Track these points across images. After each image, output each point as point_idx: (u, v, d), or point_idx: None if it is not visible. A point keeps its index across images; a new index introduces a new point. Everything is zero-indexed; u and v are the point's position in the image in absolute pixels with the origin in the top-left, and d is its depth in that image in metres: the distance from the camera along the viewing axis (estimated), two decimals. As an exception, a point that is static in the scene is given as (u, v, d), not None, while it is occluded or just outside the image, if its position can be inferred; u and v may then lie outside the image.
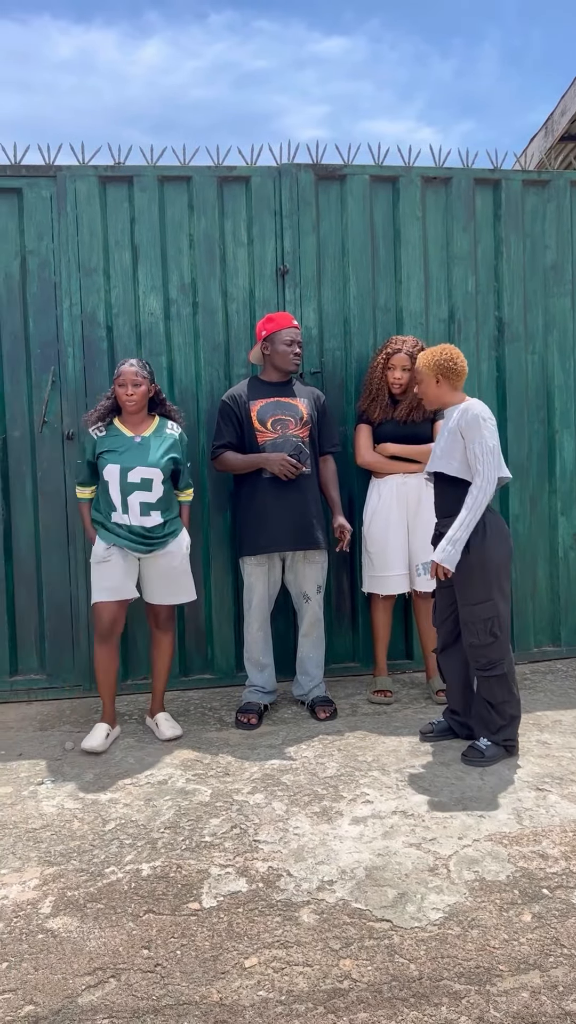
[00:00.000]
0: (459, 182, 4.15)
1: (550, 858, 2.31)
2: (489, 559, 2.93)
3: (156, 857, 2.39)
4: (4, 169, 3.84)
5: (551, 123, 7.87)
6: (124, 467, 3.25)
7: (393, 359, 3.69)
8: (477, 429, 2.91)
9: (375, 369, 3.75)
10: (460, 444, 2.96)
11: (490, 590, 2.94)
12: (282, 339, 3.54)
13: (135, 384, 3.26)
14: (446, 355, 3.01)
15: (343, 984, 1.82)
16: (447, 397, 3.07)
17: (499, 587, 2.96)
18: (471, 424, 2.92)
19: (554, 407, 4.30)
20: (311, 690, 3.64)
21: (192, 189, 3.94)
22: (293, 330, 3.55)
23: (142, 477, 3.27)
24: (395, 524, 3.71)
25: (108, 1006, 1.77)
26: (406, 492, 3.72)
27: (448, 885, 2.19)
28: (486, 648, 2.96)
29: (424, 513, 3.70)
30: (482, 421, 2.92)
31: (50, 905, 2.17)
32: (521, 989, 1.79)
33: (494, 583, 2.95)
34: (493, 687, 2.98)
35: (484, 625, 2.95)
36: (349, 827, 2.53)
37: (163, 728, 3.38)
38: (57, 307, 3.89)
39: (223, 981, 1.84)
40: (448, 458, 3.00)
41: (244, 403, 3.54)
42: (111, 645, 3.31)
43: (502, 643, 2.97)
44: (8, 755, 3.25)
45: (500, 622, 2.96)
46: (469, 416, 2.93)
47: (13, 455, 3.90)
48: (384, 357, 3.72)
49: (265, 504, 3.45)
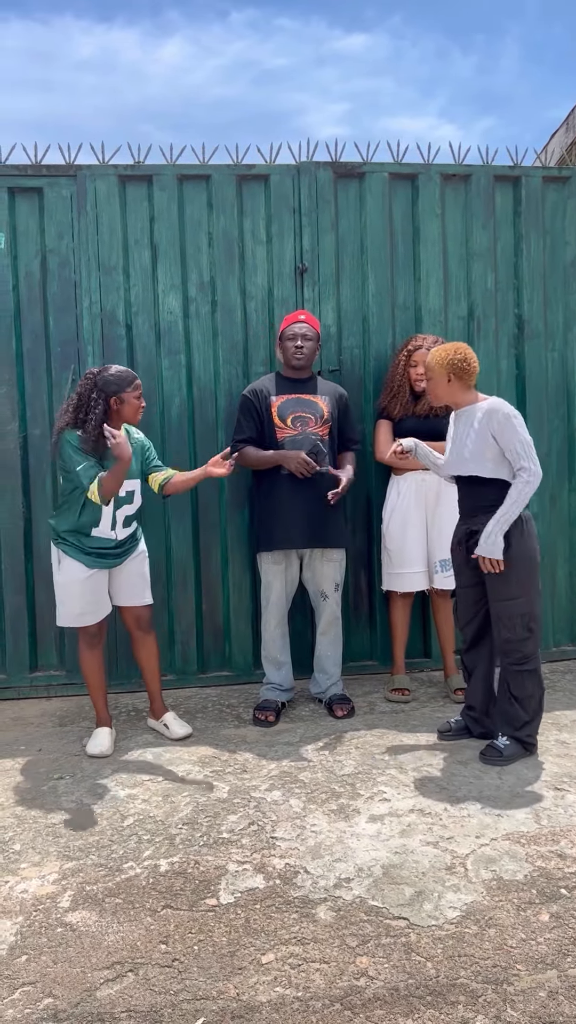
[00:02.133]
0: (479, 179, 4.13)
1: (568, 858, 2.30)
2: (527, 555, 2.95)
3: (174, 853, 2.40)
4: (25, 169, 3.87)
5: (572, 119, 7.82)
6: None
7: (415, 356, 3.68)
8: (512, 428, 2.91)
9: (397, 366, 3.74)
10: (491, 445, 2.94)
11: (527, 586, 2.95)
12: (286, 335, 3.54)
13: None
14: (459, 354, 2.98)
15: (360, 982, 1.82)
16: (458, 396, 3.04)
17: (534, 583, 2.98)
18: (503, 424, 2.91)
19: (574, 404, 4.28)
20: (329, 688, 3.64)
21: (211, 187, 3.95)
22: (298, 325, 3.53)
23: (127, 490, 3.20)
24: (414, 521, 3.70)
25: (126, 1000, 1.79)
26: (425, 489, 3.71)
27: (465, 884, 2.19)
28: (521, 643, 2.97)
29: (443, 510, 3.69)
30: (513, 419, 2.92)
31: (69, 899, 2.19)
32: (538, 989, 1.78)
33: (529, 578, 2.96)
34: (525, 681, 2.98)
35: (521, 620, 2.96)
36: (366, 825, 2.53)
37: (174, 728, 3.37)
38: (77, 306, 3.91)
39: (240, 977, 1.85)
40: (479, 460, 2.97)
41: (265, 398, 3.53)
42: (100, 648, 3.29)
43: (536, 638, 2.99)
44: (28, 750, 3.28)
45: (535, 616, 2.98)
46: (500, 416, 2.92)
47: (33, 453, 3.92)
48: (406, 354, 3.72)
49: (283, 501, 3.45)
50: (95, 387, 3.08)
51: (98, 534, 3.18)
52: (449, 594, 3.78)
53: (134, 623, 3.37)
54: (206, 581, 4.05)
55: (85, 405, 3.08)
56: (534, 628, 2.98)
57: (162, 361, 3.96)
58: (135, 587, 3.33)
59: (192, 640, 4.03)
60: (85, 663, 3.28)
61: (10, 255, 3.89)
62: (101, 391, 3.07)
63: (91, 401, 3.07)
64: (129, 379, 3.12)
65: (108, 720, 3.33)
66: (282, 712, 3.59)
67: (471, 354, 3.02)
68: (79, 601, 3.18)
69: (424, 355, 3.66)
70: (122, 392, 3.10)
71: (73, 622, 3.22)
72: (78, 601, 3.18)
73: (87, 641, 3.26)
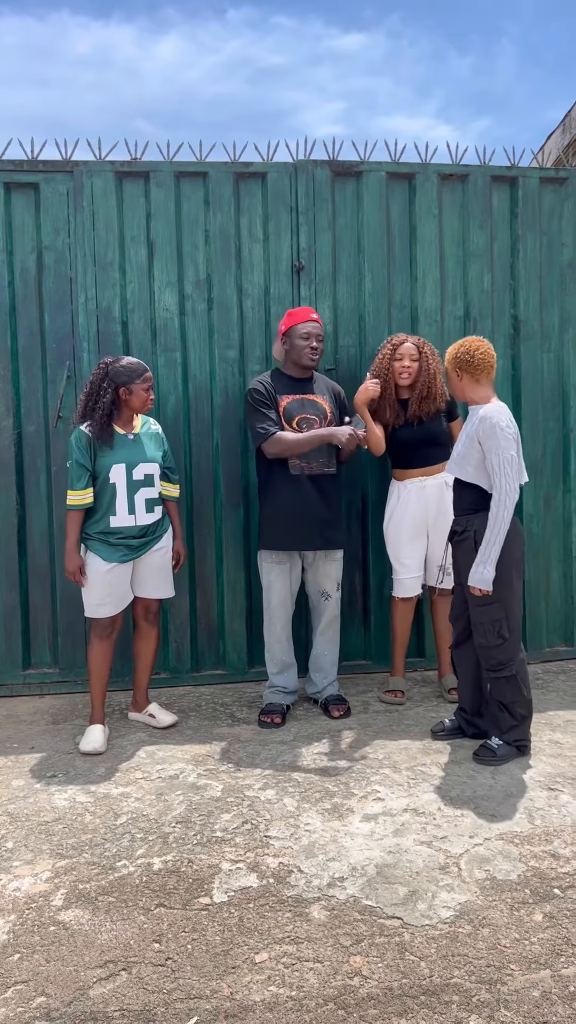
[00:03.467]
0: (476, 179, 4.13)
1: (561, 858, 2.30)
2: (503, 561, 2.90)
3: (167, 851, 2.39)
4: (21, 164, 3.85)
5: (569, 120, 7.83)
6: (130, 464, 3.25)
7: (400, 349, 3.63)
8: (495, 439, 2.85)
9: (380, 360, 3.66)
10: (476, 450, 2.92)
11: (499, 591, 2.91)
12: (299, 333, 3.49)
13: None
14: (463, 348, 2.97)
15: (353, 981, 1.82)
16: (470, 392, 3.01)
17: (510, 588, 2.94)
18: (488, 434, 2.87)
19: (569, 405, 4.28)
20: (325, 688, 3.64)
21: (208, 185, 3.94)
22: (311, 324, 3.49)
23: (145, 473, 3.29)
24: (413, 526, 3.69)
25: (119, 999, 1.78)
26: (426, 495, 3.69)
27: (459, 883, 2.19)
28: (495, 649, 2.95)
29: (444, 516, 3.66)
30: (499, 431, 2.85)
31: (62, 898, 2.18)
32: (532, 988, 1.78)
33: (505, 585, 2.92)
34: (503, 687, 2.97)
35: (492, 626, 2.93)
36: (360, 824, 2.53)
37: (160, 716, 3.43)
38: (73, 302, 3.90)
39: (233, 976, 1.85)
40: (464, 463, 2.97)
41: (272, 395, 3.49)
42: (110, 642, 3.34)
43: (511, 644, 2.95)
44: (21, 748, 3.27)
45: (509, 624, 2.94)
46: (487, 425, 2.87)
47: (28, 450, 3.91)
48: (391, 348, 3.65)
49: (289, 502, 3.44)
50: (106, 376, 3.23)
51: (118, 524, 3.24)
52: (450, 594, 3.79)
53: (143, 613, 3.45)
54: (200, 579, 4.04)
55: (95, 394, 3.24)
56: (506, 635, 2.93)
57: (158, 358, 3.94)
58: (156, 580, 3.41)
59: (186, 638, 4.02)
60: (93, 653, 3.32)
61: (6, 251, 3.87)
62: (112, 380, 3.22)
63: (100, 390, 3.23)
64: (139, 371, 3.25)
65: (102, 718, 3.33)
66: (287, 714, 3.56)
67: (479, 347, 2.96)
68: (98, 592, 3.25)
69: (410, 348, 3.61)
70: (131, 383, 3.23)
71: (92, 612, 3.28)
72: (97, 592, 3.25)
73: (99, 632, 3.30)
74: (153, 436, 3.39)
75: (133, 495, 3.26)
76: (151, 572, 3.38)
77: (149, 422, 3.42)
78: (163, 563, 3.41)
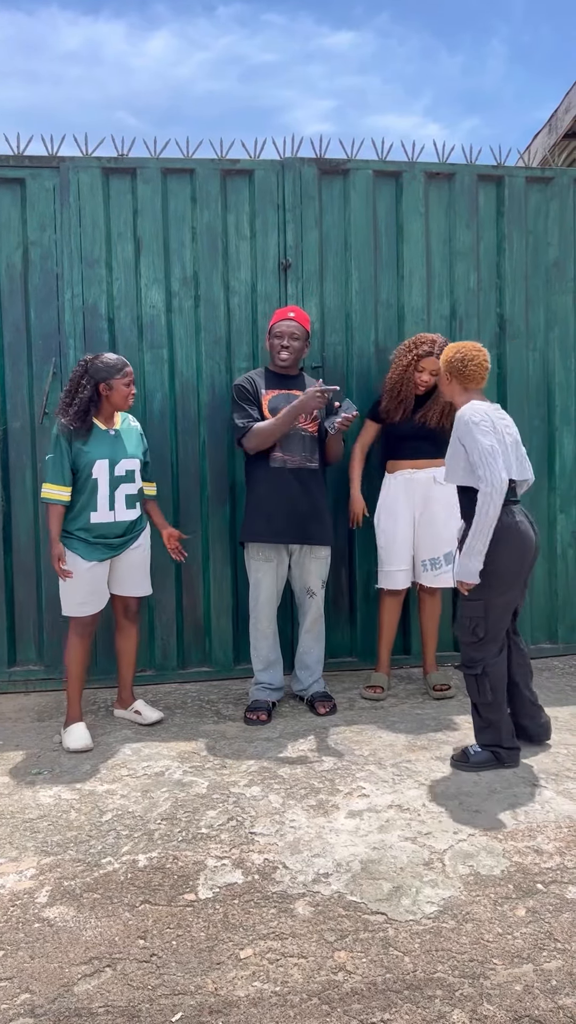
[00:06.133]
0: (462, 178, 4.14)
1: (544, 853, 2.32)
2: (497, 561, 2.84)
3: (152, 848, 2.39)
4: (7, 159, 3.83)
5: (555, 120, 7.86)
6: (112, 460, 3.24)
7: (424, 362, 3.60)
8: (470, 435, 2.81)
9: (406, 369, 3.62)
10: (460, 452, 2.88)
11: (482, 591, 2.86)
12: (274, 332, 3.51)
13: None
14: (460, 354, 2.92)
15: (338, 976, 1.83)
16: (457, 397, 2.99)
17: (497, 591, 2.86)
18: (464, 431, 2.83)
19: (554, 405, 4.31)
20: (311, 685, 3.64)
21: (195, 182, 3.94)
22: (286, 323, 3.48)
23: (127, 469, 3.29)
24: (402, 519, 3.71)
25: (104, 995, 1.78)
26: (413, 487, 3.70)
27: (443, 879, 2.20)
28: (468, 646, 2.92)
29: (432, 509, 3.67)
30: (472, 425, 2.81)
31: (47, 894, 2.18)
32: (514, 983, 1.80)
33: (491, 586, 2.85)
34: (471, 685, 2.92)
35: (469, 623, 2.90)
36: (345, 820, 2.54)
37: (146, 713, 3.44)
38: (59, 298, 3.89)
39: (218, 972, 1.85)
40: (453, 467, 2.93)
41: (257, 390, 3.50)
42: (89, 640, 3.33)
43: (484, 645, 2.88)
44: (6, 745, 3.26)
45: (486, 625, 2.87)
46: (461, 423, 2.84)
47: (13, 446, 3.90)
48: (415, 358, 3.61)
49: (270, 494, 3.44)
50: (86, 372, 3.22)
51: (98, 519, 3.23)
52: (436, 592, 3.80)
53: (123, 611, 3.45)
54: (187, 576, 4.04)
55: (75, 390, 3.22)
56: (481, 636, 2.88)
57: (144, 355, 3.94)
58: (135, 578, 3.40)
59: (172, 635, 4.02)
60: (72, 652, 3.29)
61: (-9, 246, 3.86)
62: (91, 377, 3.21)
63: (80, 387, 3.21)
64: (119, 366, 3.24)
65: (80, 715, 3.31)
66: (273, 711, 3.56)
67: (474, 358, 2.91)
68: (80, 591, 3.23)
69: (433, 362, 3.59)
70: (111, 379, 3.22)
71: (74, 611, 3.27)
72: (79, 591, 3.23)
73: (79, 630, 3.29)
74: (134, 432, 3.39)
75: (114, 491, 3.25)
76: (130, 570, 3.37)
77: (129, 418, 3.42)
78: (141, 561, 3.41)
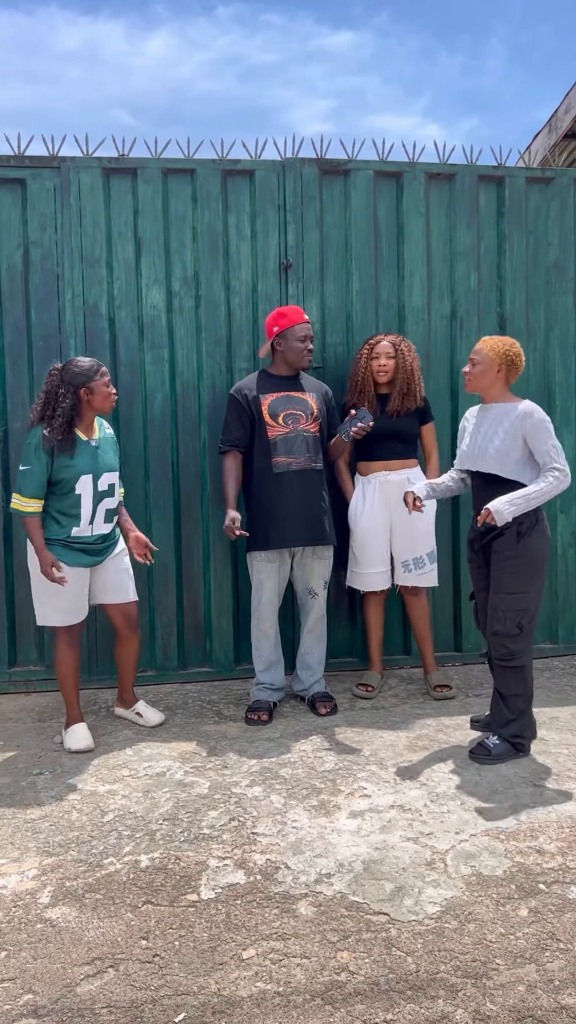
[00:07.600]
0: (463, 178, 4.14)
1: (546, 854, 2.32)
2: (538, 553, 2.94)
3: (154, 848, 2.39)
4: (8, 160, 3.83)
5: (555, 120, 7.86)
6: (95, 475, 3.15)
7: (377, 348, 3.68)
8: (546, 431, 2.92)
9: (359, 360, 3.73)
10: (520, 447, 2.94)
11: (529, 582, 2.94)
12: (296, 335, 3.50)
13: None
14: (516, 348, 3.00)
15: (340, 976, 1.83)
16: (496, 390, 3.03)
17: (538, 583, 2.97)
18: (538, 428, 2.92)
19: (555, 404, 4.31)
20: (312, 685, 3.64)
21: (196, 182, 3.94)
22: (306, 325, 3.51)
23: (109, 483, 3.21)
24: (378, 521, 3.72)
25: (106, 996, 1.78)
26: (388, 490, 3.72)
27: (445, 879, 2.20)
28: (510, 638, 2.95)
29: (406, 513, 3.69)
30: (548, 424, 2.94)
31: (49, 895, 2.18)
32: (517, 983, 1.80)
33: (536, 577, 2.95)
34: (509, 679, 2.97)
35: (514, 616, 2.93)
36: (347, 821, 2.54)
37: (148, 715, 3.41)
38: (59, 298, 3.89)
39: (221, 972, 1.85)
40: (503, 459, 2.95)
41: (255, 397, 3.50)
42: (78, 647, 3.26)
43: (526, 636, 2.97)
44: (7, 746, 3.26)
45: (530, 615, 2.97)
46: (535, 420, 2.92)
47: (14, 447, 3.89)
48: (367, 348, 3.71)
49: (276, 499, 3.44)
50: (62, 382, 3.09)
51: (78, 533, 3.16)
52: (420, 592, 3.80)
53: (123, 622, 3.34)
54: (187, 577, 4.04)
55: (52, 401, 3.09)
56: (525, 627, 2.95)
57: (145, 355, 3.94)
58: (121, 584, 3.31)
59: (173, 636, 4.02)
60: (63, 661, 3.22)
61: (-8, 246, 3.86)
62: (69, 384, 3.08)
63: (59, 396, 3.08)
64: (95, 367, 3.13)
65: (81, 716, 3.30)
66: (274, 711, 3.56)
67: (520, 352, 3.02)
68: (64, 600, 3.14)
69: (386, 347, 3.66)
70: (91, 382, 3.11)
71: (59, 621, 3.17)
72: (63, 600, 3.14)
73: (67, 640, 3.21)
74: (111, 441, 3.29)
75: (96, 506, 3.17)
76: (116, 576, 3.29)
77: (104, 425, 3.31)
78: (123, 567, 3.32)
